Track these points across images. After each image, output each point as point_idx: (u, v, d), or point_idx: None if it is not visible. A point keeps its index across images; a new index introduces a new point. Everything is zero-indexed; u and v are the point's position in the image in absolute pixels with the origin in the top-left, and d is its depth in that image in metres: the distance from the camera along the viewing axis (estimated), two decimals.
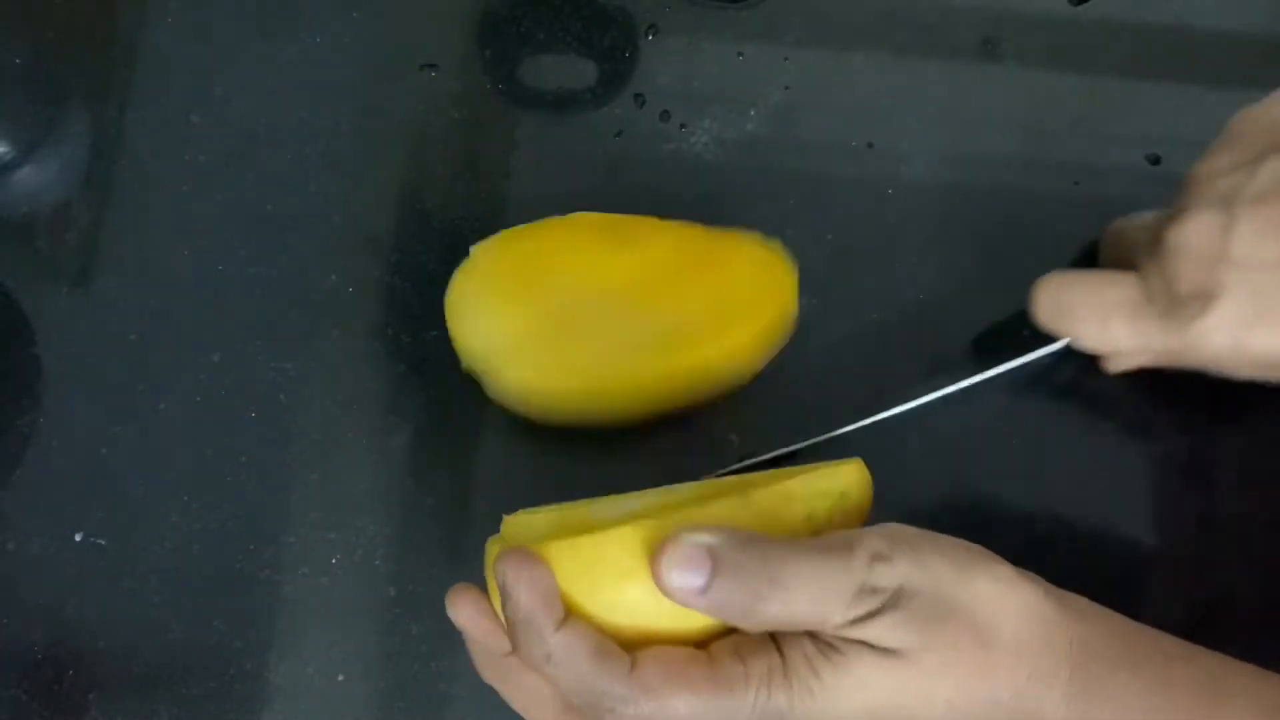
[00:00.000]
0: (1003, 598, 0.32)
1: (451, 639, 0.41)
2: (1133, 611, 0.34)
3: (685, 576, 0.30)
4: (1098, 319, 0.38)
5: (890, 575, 0.31)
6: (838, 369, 0.43)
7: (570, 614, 0.31)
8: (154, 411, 0.43)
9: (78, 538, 0.42)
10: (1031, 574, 0.33)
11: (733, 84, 0.47)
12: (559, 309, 0.39)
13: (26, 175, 0.46)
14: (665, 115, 0.46)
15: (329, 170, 0.46)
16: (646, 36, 0.47)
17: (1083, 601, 0.33)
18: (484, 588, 0.34)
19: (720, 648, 0.32)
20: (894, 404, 0.41)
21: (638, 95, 0.46)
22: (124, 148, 0.46)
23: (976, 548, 0.33)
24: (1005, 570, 0.32)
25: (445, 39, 0.47)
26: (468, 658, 0.41)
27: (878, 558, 0.31)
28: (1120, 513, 0.42)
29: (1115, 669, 0.32)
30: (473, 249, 0.41)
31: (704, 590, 0.30)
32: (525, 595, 0.31)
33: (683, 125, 0.46)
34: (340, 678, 0.41)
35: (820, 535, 0.32)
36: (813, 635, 0.31)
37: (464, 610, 0.34)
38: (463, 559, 0.42)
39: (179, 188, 0.45)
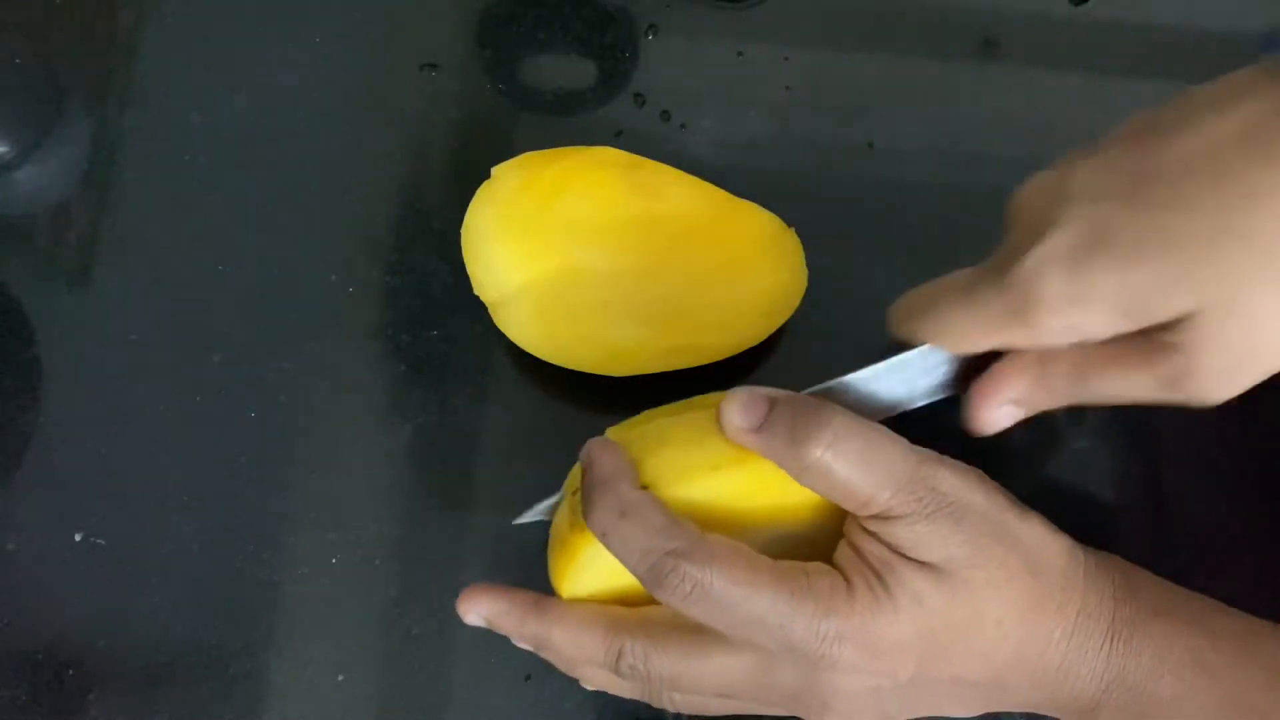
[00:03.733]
0: (1053, 540, 0.33)
1: (452, 639, 0.41)
2: None
3: (745, 414, 0.33)
4: (934, 301, 0.34)
5: (953, 486, 0.32)
6: (837, 367, 0.43)
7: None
8: (154, 411, 0.43)
9: (78, 538, 0.42)
10: None
11: (733, 84, 0.47)
12: (574, 250, 0.39)
13: (26, 175, 0.46)
14: (665, 115, 0.46)
15: (329, 170, 0.46)
16: (646, 36, 0.47)
17: (1117, 557, 0.35)
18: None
19: (787, 563, 0.32)
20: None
21: (638, 95, 0.46)
22: (124, 148, 0.46)
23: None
24: (1049, 523, 0.34)
25: (445, 39, 0.47)
26: (467, 658, 0.41)
27: (944, 464, 0.32)
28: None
29: (1156, 613, 0.33)
30: (494, 170, 0.40)
31: (759, 429, 0.32)
32: (607, 461, 0.33)
33: (683, 125, 0.46)
34: (340, 678, 0.41)
35: None
36: (868, 560, 0.32)
37: (482, 600, 0.36)
38: (463, 559, 0.42)
39: (179, 188, 0.45)
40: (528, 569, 0.38)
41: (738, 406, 0.33)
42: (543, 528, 0.39)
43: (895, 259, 0.45)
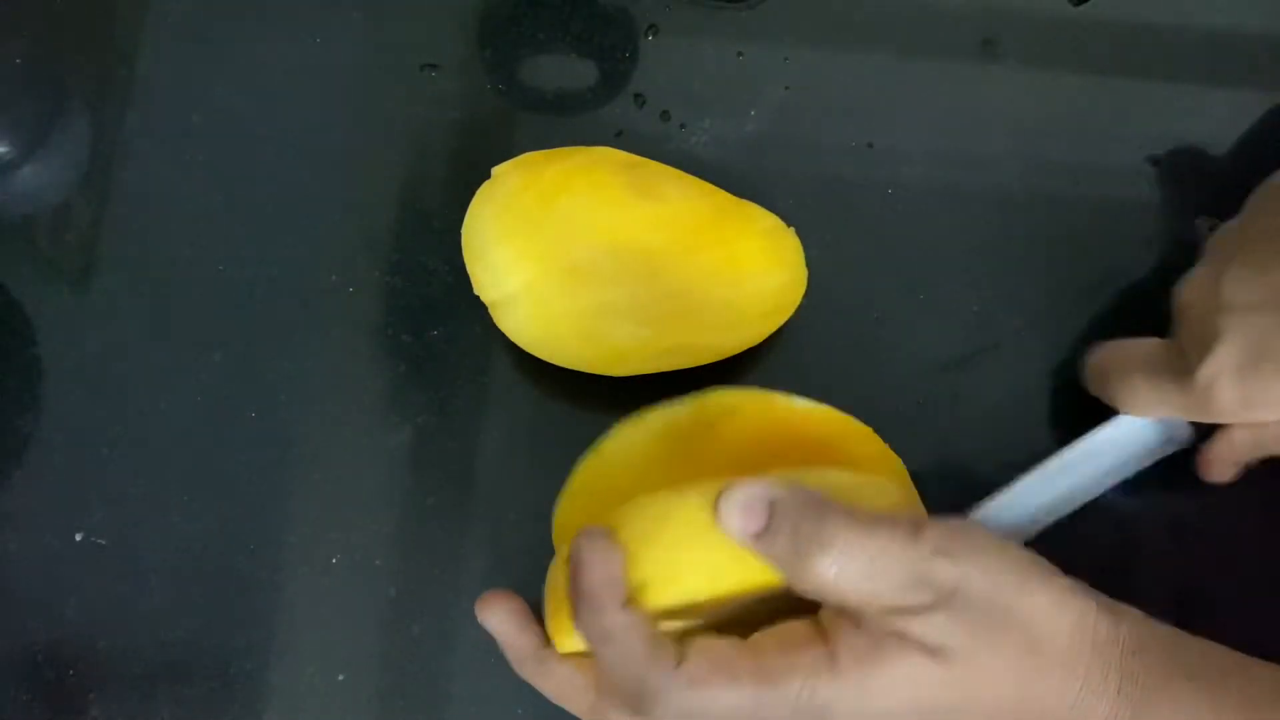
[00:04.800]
0: (1060, 611, 0.32)
1: (451, 639, 0.41)
2: None
3: (744, 520, 0.32)
4: (1124, 377, 0.39)
5: (950, 573, 0.31)
6: (836, 366, 0.44)
7: (632, 597, 0.32)
8: (154, 411, 0.43)
9: (78, 538, 0.42)
10: (1086, 586, 0.33)
11: (733, 84, 0.47)
12: (574, 250, 0.39)
13: (26, 175, 0.46)
14: (665, 115, 0.46)
15: (329, 170, 0.46)
16: (646, 36, 0.47)
17: (1136, 614, 0.34)
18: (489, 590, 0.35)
19: (766, 639, 0.32)
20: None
21: (638, 95, 0.46)
22: (124, 148, 0.46)
23: (1036, 557, 0.33)
24: (1063, 582, 0.33)
25: (445, 39, 0.47)
26: (468, 658, 0.41)
27: (941, 551, 0.31)
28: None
29: (1167, 681, 0.32)
30: (494, 170, 0.40)
31: (758, 536, 0.32)
32: (596, 571, 0.32)
33: (683, 125, 0.46)
34: (340, 678, 0.41)
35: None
36: (860, 626, 0.31)
37: (496, 615, 0.36)
38: (463, 558, 0.42)
39: (179, 188, 0.45)
40: (528, 570, 0.38)
41: (737, 510, 0.32)
42: (541, 530, 0.39)
43: (895, 259, 0.45)
